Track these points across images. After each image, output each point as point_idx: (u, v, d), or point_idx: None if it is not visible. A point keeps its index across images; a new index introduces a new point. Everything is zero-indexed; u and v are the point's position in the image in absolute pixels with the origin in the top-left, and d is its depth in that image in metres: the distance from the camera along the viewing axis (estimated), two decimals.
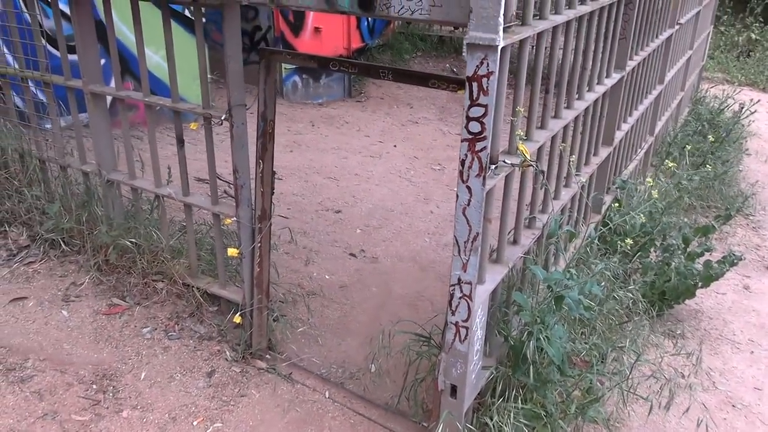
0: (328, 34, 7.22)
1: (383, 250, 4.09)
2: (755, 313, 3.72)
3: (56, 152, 3.45)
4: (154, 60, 5.39)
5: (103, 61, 3.40)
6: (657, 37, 4.07)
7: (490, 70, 1.75)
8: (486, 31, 1.71)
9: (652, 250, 3.64)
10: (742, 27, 10.89)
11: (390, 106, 7.48)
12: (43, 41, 3.30)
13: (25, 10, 3.29)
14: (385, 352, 2.84)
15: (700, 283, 3.43)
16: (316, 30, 7.18)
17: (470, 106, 1.82)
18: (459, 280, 2.05)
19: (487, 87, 1.78)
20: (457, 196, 1.93)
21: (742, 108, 6.20)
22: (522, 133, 2.11)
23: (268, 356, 2.90)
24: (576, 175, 2.66)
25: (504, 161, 2.07)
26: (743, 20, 10.94)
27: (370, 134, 6.52)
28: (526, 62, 2.08)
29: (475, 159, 1.87)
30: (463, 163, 1.89)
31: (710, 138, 5.44)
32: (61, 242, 3.42)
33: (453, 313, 2.10)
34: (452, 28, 8.39)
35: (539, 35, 2.16)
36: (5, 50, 3.78)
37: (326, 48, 7.21)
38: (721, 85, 8.42)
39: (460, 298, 2.07)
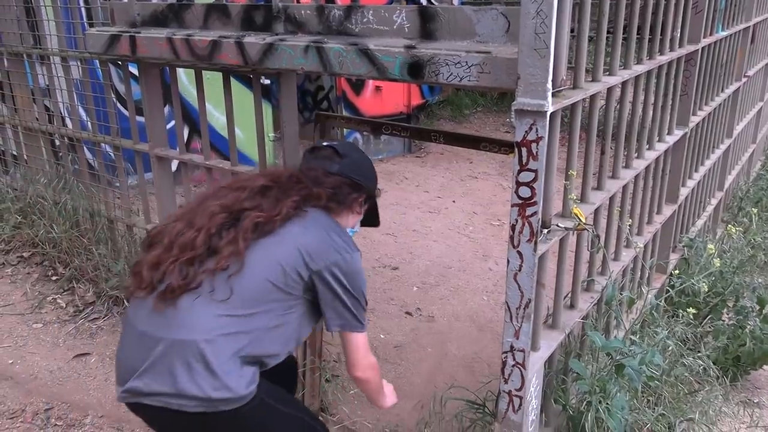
0: (389, 93, 7.37)
1: (439, 309, 4.03)
2: None
3: (123, 212, 3.60)
4: (222, 121, 5.62)
5: (171, 124, 3.58)
6: (723, 91, 3.96)
7: (539, 135, 1.73)
8: (534, 97, 1.69)
9: (724, 311, 3.45)
10: None
11: (449, 161, 7.49)
12: (116, 106, 3.50)
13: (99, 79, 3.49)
14: (437, 417, 2.76)
15: None
16: (377, 89, 7.33)
17: (520, 171, 1.79)
18: (511, 347, 1.98)
19: (536, 152, 1.75)
20: (508, 261, 1.89)
21: None
22: (575, 196, 2.06)
23: (320, 418, 2.86)
24: (628, 238, 2.56)
25: (557, 225, 2.02)
26: None
27: (429, 189, 6.53)
28: (578, 125, 2.04)
29: (526, 224, 1.83)
30: (513, 228, 1.85)
31: None
32: (126, 301, 3.53)
33: (506, 382, 2.03)
34: None
35: (593, 96, 2.12)
36: (81, 115, 4.02)
37: (387, 106, 7.34)
38: None
39: (512, 366, 2.00)
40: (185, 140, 5.58)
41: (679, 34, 2.85)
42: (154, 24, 2.87)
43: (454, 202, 6.19)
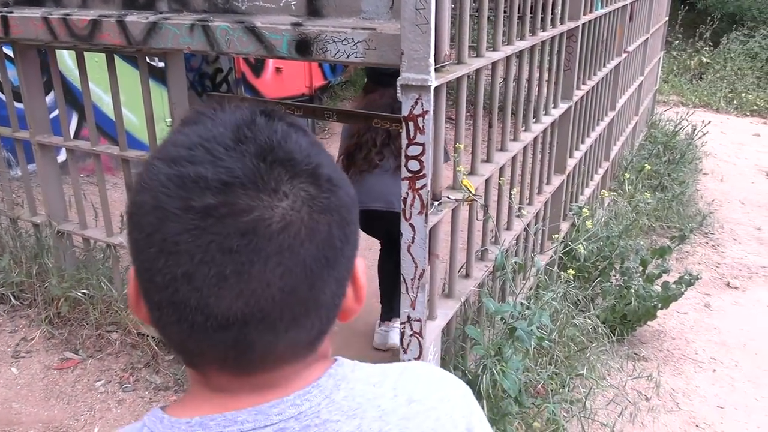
0: (290, 74, 7.27)
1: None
2: (716, 331, 3.76)
3: (6, 204, 3.39)
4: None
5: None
6: (605, 66, 4.17)
7: (424, 110, 1.78)
8: (417, 72, 1.73)
9: (612, 273, 3.68)
10: (693, 51, 11.23)
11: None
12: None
13: None
14: None
15: (659, 305, 3.46)
16: (278, 70, 7.22)
17: (408, 145, 1.83)
18: (408, 317, 2.04)
19: (423, 126, 1.80)
20: (401, 234, 1.94)
21: (695, 130, 6.36)
22: (463, 168, 2.13)
23: None
24: (519, 207, 2.69)
25: (448, 197, 2.09)
26: (694, 45, 11.29)
27: None
28: (465, 99, 2.11)
29: (416, 197, 1.88)
30: (404, 201, 1.90)
31: (664, 160, 5.56)
32: (11, 296, 3.34)
33: (405, 351, 2.09)
34: None
35: (478, 71, 2.20)
36: None
37: (288, 88, 7.25)
38: (676, 107, 8.64)
39: (410, 335, 2.06)
40: (75, 128, 5.31)
41: (560, 11, 2.98)
42: (29, 2, 2.70)
43: None
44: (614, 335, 3.36)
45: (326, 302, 0.64)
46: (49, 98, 4.44)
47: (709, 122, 6.69)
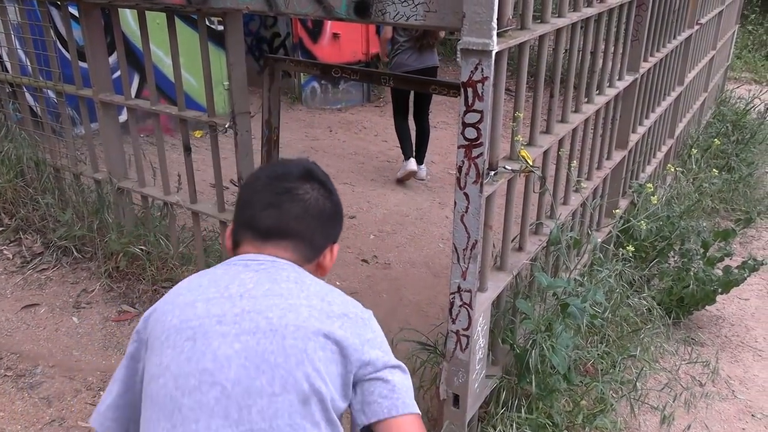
0: (347, 40, 7.22)
1: (396, 256, 4.06)
2: None
3: (69, 160, 3.50)
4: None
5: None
6: (675, 38, 3.98)
7: (484, 75, 1.72)
8: (479, 36, 1.67)
9: (671, 255, 3.56)
10: None
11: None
12: (59, 49, 3.35)
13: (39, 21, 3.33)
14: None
15: (719, 289, 3.34)
16: (335, 36, 7.18)
17: (466, 112, 1.79)
18: (459, 288, 2.01)
19: (482, 92, 1.74)
20: (455, 203, 1.90)
21: (767, 109, 6.05)
22: (521, 139, 2.07)
23: None
24: (577, 180, 2.60)
25: (504, 167, 2.04)
26: None
27: (388, 139, 6.50)
28: (526, 67, 2.04)
29: (472, 165, 1.83)
30: (460, 169, 1.86)
31: (732, 139, 5.32)
32: (74, 249, 3.47)
33: (453, 322, 2.07)
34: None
35: (542, 38, 2.12)
36: (21, 59, 3.85)
37: (345, 54, 7.21)
38: (748, 85, 8.22)
39: (460, 306, 2.04)
40: (136, 89, 5.42)
41: None
42: None
43: None
44: (670, 318, 3.26)
45: (316, 241, 1.36)
46: (112, 59, 4.53)
47: None
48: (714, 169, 4.33)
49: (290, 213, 1.30)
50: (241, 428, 1.11)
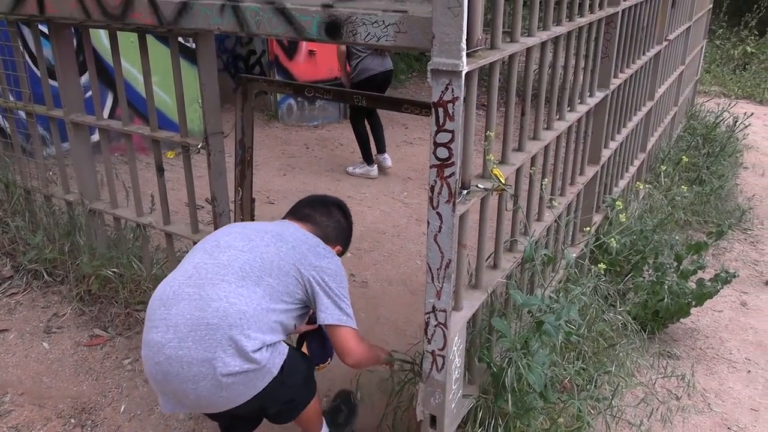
0: (323, 57, 7.24)
1: (373, 274, 4.05)
2: (752, 331, 3.65)
3: (40, 182, 3.44)
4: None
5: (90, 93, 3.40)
6: (644, 54, 4.05)
7: (455, 96, 1.73)
8: (449, 56, 1.68)
9: (645, 268, 3.59)
10: (738, 40, 10.88)
11: (385, 126, 7.42)
12: (31, 70, 3.30)
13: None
14: (367, 379, 2.79)
15: (693, 302, 3.37)
16: (311, 53, 7.20)
17: (437, 132, 1.79)
18: (433, 308, 2.01)
19: (452, 112, 1.75)
20: (428, 222, 1.90)
21: (736, 122, 6.16)
22: (492, 157, 2.08)
23: None
24: (550, 198, 2.62)
25: (476, 186, 2.04)
26: (738, 34, 10.94)
27: None
28: (497, 86, 2.05)
29: (444, 185, 1.84)
30: (432, 189, 1.86)
31: (703, 152, 5.41)
32: (44, 273, 3.40)
33: (429, 342, 2.06)
34: None
35: (512, 57, 2.13)
36: None
37: (321, 71, 7.23)
38: (717, 98, 8.39)
39: (435, 326, 2.03)
40: (110, 108, 5.37)
41: None
42: None
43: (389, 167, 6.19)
44: (645, 332, 3.28)
45: (329, 236, 2.29)
46: (85, 78, 4.49)
47: (752, 114, 6.49)
48: (683, 184, 4.40)
49: (318, 211, 2.27)
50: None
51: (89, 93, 3.14)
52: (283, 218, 2.26)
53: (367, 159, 5.89)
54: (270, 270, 1.94)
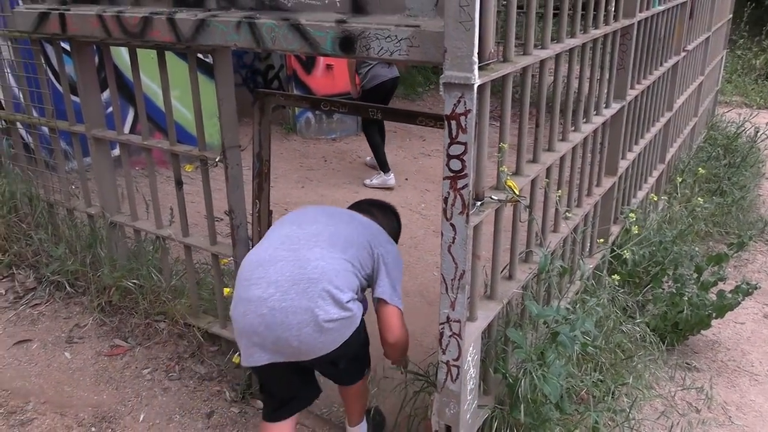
0: (340, 71, 7.29)
1: None
2: None
3: (63, 195, 3.52)
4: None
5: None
6: (661, 65, 4.04)
7: (467, 108, 1.74)
8: (461, 70, 1.70)
9: (664, 280, 3.56)
10: (759, 50, 10.77)
11: (402, 139, 7.50)
12: (54, 86, 3.38)
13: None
14: (383, 389, 2.80)
15: (714, 314, 3.33)
16: (328, 67, 7.27)
17: (450, 144, 1.81)
18: (448, 318, 2.01)
19: (465, 125, 1.77)
20: (442, 234, 1.91)
21: (757, 132, 6.10)
22: (506, 169, 2.09)
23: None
24: (565, 210, 2.62)
25: (491, 197, 2.05)
26: (760, 43, 10.83)
27: None
28: (510, 98, 2.07)
29: (458, 197, 1.85)
30: (446, 200, 1.87)
31: (724, 163, 5.35)
32: (66, 284, 3.46)
33: (444, 352, 2.06)
34: None
35: (525, 69, 2.15)
36: (16, 96, 3.89)
37: (338, 84, 7.28)
38: (739, 108, 8.30)
39: (449, 336, 2.03)
40: (131, 122, 5.47)
41: (614, 8, 2.89)
42: (85, 0, 2.78)
43: (406, 179, 6.21)
44: (664, 344, 3.25)
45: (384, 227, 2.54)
46: (106, 94, 4.58)
47: None
48: (700, 196, 4.35)
49: (379, 210, 2.61)
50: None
51: (110, 108, 3.21)
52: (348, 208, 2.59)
53: (383, 167, 5.96)
54: (352, 242, 2.23)
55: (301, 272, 2.08)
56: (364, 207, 2.58)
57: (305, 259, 2.12)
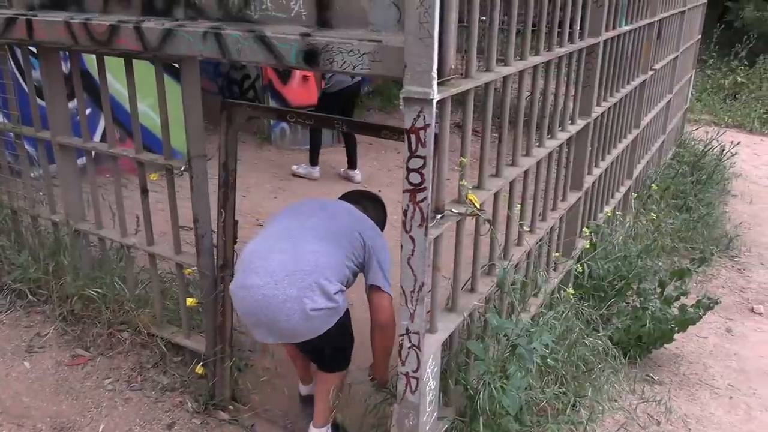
0: (317, 82, 7.31)
1: (358, 296, 4.04)
2: (736, 357, 3.67)
3: (27, 202, 3.47)
4: (146, 113, 5.43)
5: (88, 111, 3.43)
6: (628, 83, 4.12)
7: (426, 123, 1.77)
8: (420, 84, 1.73)
9: (628, 294, 3.61)
10: (728, 70, 11.03)
11: (378, 151, 7.52)
12: (22, 86, 3.34)
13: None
14: (347, 401, 2.79)
15: (676, 328, 3.39)
16: (304, 78, 7.27)
17: (410, 158, 1.83)
18: (407, 330, 2.03)
19: (424, 139, 1.79)
20: (402, 246, 1.93)
21: (723, 150, 6.24)
22: (467, 183, 2.11)
23: (231, 407, 2.86)
24: (521, 224, 2.66)
25: (451, 210, 2.07)
26: (728, 63, 11.09)
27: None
28: (471, 114, 2.10)
29: (417, 209, 1.87)
30: (405, 213, 1.89)
31: (690, 180, 5.46)
32: (28, 293, 3.41)
33: (403, 364, 2.07)
34: None
35: (487, 85, 2.18)
36: None
37: (314, 95, 7.27)
38: (707, 126, 8.48)
39: (409, 348, 2.05)
40: (103, 129, 5.42)
41: (579, 27, 2.95)
42: (53, 6, 2.77)
43: (380, 191, 6.21)
44: (626, 357, 3.29)
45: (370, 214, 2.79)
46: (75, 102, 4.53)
47: (739, 143, 6.57)
48: (670, 211, 4.43)
49: (368, 200, 2.90)
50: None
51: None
52: (339, 199, 2.85)
53: (312, 162, 6.48)
54: (345, 234, 2.46)
55: (296, 264, 2.30)
56: (356, 199, 2.84)
57: (302, 251, 2.34)
